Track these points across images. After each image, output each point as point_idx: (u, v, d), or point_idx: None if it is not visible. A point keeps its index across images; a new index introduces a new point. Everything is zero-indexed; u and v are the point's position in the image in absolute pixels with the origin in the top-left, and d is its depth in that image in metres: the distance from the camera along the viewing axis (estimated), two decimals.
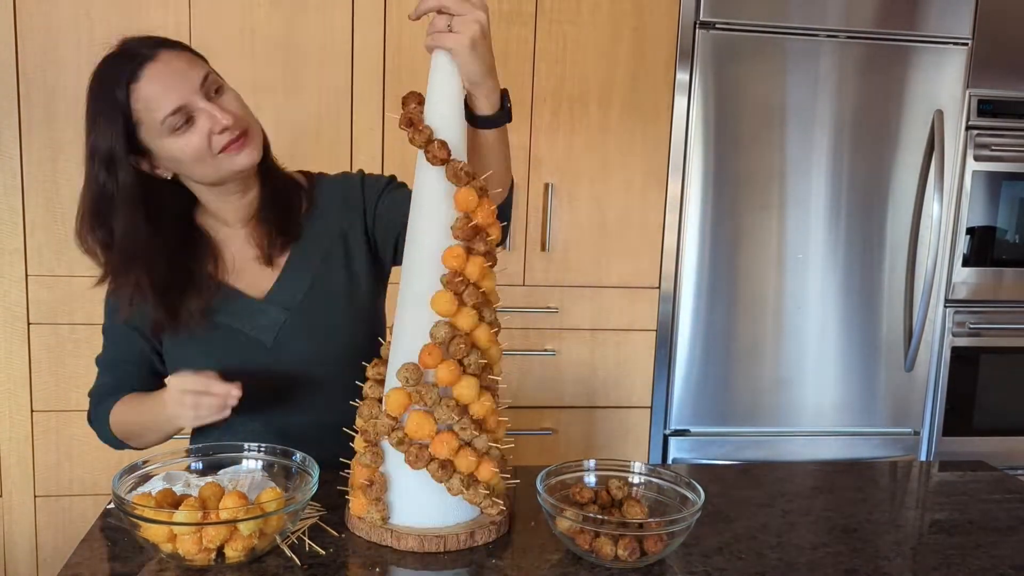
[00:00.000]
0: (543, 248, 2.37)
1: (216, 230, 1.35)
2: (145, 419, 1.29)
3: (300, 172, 1.44)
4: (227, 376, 1.19)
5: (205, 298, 1.30)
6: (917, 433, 2.60)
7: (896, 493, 1.42)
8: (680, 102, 2.36)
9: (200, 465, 1.19)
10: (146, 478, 1.13)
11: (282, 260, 1.35)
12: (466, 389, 1.09)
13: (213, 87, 1.22)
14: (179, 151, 1.21)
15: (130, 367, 1.37)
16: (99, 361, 1.41)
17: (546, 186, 2.34)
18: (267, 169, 1.32)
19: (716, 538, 1.18)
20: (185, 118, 1.19)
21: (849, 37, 2.39)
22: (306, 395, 1.34)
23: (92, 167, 1.22)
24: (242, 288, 1.34)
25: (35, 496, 2.25)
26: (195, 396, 1.17)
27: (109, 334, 1.38)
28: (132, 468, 1.11)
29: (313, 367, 1.34)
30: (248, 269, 1.35)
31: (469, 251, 1.10)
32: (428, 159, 1.10)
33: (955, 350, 2.60)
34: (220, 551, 1.04)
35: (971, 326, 2.59)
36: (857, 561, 1.13)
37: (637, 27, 2.32)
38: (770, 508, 1.29)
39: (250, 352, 1.32)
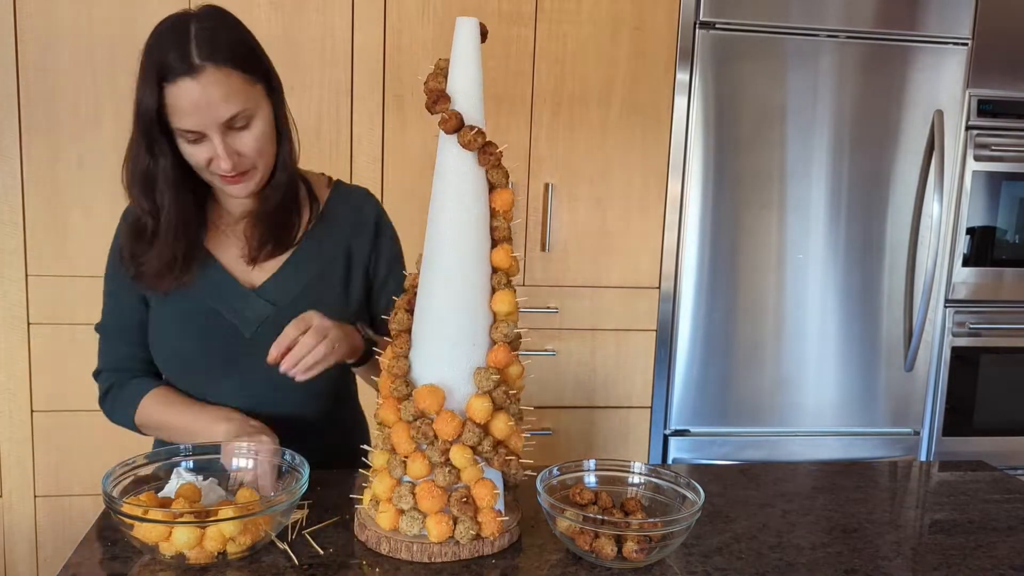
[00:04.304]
0: (543, 248, 2.37)
1: (222, 211, 1.36)
2: (188, 428, 1.29)
3: (322, 175, 1.45)
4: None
5: (197, 273, 1.31)
6: (917, 433, 2.60)
7: (896, 493, 1.42)
8: (680, 102, 2.36)
9: (191, 464, 1.18)
10: (145, 480, 1.14)
11: (284, 256, 1.35)
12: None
13: (240, 123, 1.21)
14: (184, 153, 1.23)
15: (139, 332, 1.36)
16: (105, 328, 1.39)
17: (546, 186, 2.34)
18: (274, 185, 1.31)
19: (716, 538, 1.18)
20: (197, 137, 1.20)
21: (849, 37, 2.39)
22: (278, 392, 1.33)
23: (137, 135, 1.22)
24: (236, 274, 1.33)
25: (35, 496, 2.25)
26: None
27: (117, 297, 1.36)
28: (123, 468, 1.11)
29: None
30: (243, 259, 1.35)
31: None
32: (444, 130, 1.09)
33: (955, 350, 2.60)
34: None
35: (971, 326, 2.59)
36: (857, 561, 1.13)
37: (637, 27, 2.32)
38: (770, 508, 1.29)
39: (229, 338, 1.32)
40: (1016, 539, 1.22)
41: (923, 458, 2.63)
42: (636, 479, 1.22)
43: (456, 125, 1.08)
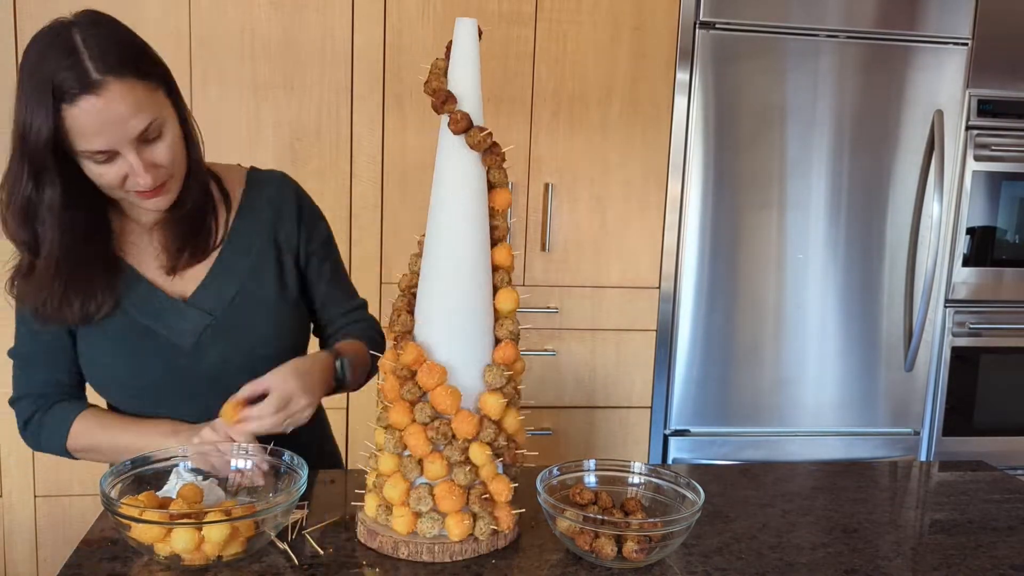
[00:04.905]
0: (543, 248, 2.37)
1: (132, 224, 1.27)
2: (130, 447, 1.22)
3: (237, 166, 1.37)
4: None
5: (121, 291, 1.24)
6: (917, 433, 2.60)
7: (896, 493, 1.42)
8: (680, 102, 2.36)
9: (190, 464, 1.17)
10: (144, 479, 1.13)
11: (210, 259, 1.29)
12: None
13: (153, 134, 1.13)
14: (91, 175, 1.14)
15: (59, 357, 1.27)
16: (19, 354, 1.29)
17: (546, 186, 2.34)
18: (186, 189, 1.23)
19: (716, 538, 1.18)
20: (108, 156, 1.11)
21: (849, 37, 2.39)
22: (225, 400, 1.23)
23: (19, 162, 1.11)
24: (164, 286, 1.26)
25: (35, 496, 2.25)
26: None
27: (30, 324, 1.25)
28: (121, 469, 1.11)
29: (235, 373, 1.23)
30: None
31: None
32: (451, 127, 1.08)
33: (955, 350, 2.60)
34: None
35: (971, 326, 2.59)
36: (857, 561, 1.13)
37: (637, 27, 2.32)
38: (770, 508, 1.29)
39: (167, 353, 1.25)
40: (1016, 539, 1.22)
41: (923, 458, 2.63)
42: (636, 479, 1.22)
43: (466, 126, 1.08)
